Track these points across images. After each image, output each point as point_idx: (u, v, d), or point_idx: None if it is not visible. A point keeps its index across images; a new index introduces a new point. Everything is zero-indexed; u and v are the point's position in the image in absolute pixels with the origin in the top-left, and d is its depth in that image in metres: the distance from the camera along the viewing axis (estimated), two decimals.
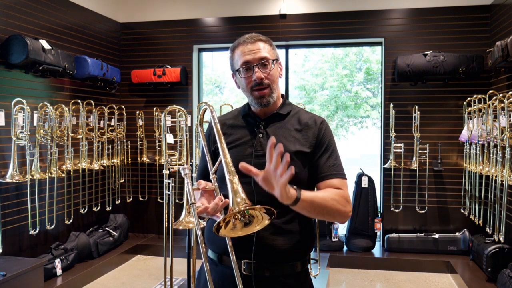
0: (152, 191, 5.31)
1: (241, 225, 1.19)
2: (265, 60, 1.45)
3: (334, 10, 4.91)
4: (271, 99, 1.47)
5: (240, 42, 1.49)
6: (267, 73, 1.46)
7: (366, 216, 4.72)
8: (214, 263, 1.49)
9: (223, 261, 1.45)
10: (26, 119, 3.54)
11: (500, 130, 3.52)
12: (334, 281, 4.22)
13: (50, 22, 4.16)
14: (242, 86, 1.51)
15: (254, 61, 1.44)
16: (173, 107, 3.38)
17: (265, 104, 1.47)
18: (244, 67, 1.45)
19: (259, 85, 1.45)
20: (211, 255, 1.51)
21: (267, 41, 1.50)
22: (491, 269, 3.72)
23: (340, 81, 9.08)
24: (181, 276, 4.08)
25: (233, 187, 1.20)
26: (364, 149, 9.66)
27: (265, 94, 1.46)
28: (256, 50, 1.45)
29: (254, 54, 1.44)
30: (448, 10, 4.67)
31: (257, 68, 1.44)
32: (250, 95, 1.48)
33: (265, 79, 1.45)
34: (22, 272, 3.18)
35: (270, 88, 1.46)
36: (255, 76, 1.44)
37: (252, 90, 1.46)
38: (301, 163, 1.43)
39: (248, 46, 1.46)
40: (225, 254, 1.43)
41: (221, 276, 1.45)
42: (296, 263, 1.45)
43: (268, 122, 1.51)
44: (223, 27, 5.17)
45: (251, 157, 1.44)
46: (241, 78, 1.48)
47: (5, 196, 3.59)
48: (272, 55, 1.48)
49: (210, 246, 1.51)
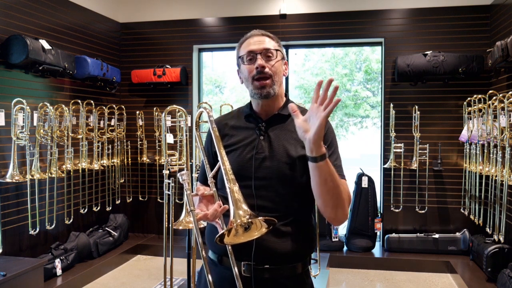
0: (152, 191, 5.31)
1: (242, 230, 1.19)
2: (269, 50, 1.44)
3: (334, 10, 4.91)
4: (271, 91, 1.43)
5: (247, 36, 1.49)
6: (271, 64, 1.43)
7: (366, 216, 4.72)
8: (214, 264, 1.49)
9: (223, 262, 1.45)
10: (26, 119, 3.54)
11: (500, 130, 3.52)
12: (334, 281, 4.22)
13: (50, 22, 4.16)
14: (244, 77, 1.48)
15: (258, 50, 1.43)
16: (173, 107, 3.37)
17: (265, 95, 1.43)
18: (248, 56, 1.44)
19: (260, 74, 1.42)
20: (211, 256, 1.51)
21: (274, 38, 1.50)
22: (491, 269, 3.72)
23: (340, 81, 9.08)
24: (181, 276, 4.08)
25: (234, 197, 1.17)
26: (364, 149, 9.66)
27: (266, 84, 1.42)
28: (261, 41, 1.45)
29: (259, 45, 1.44)
30: (448, 10, 4.67)
31: (259, 56, 1.42)
32: (251, 84, 1.44)
33: (268, 69, 1.42)
34: (22, 272, 3.18)
35: (272, 79, 1.43)
36: (257, 64, 1.41)
37: (253, 79, 1.43)
38: (302, 168, 1.38)
39: (254, 38, 1.47)
40: (225, 255, 1.41)
41: (220, 277, 1.44)
42: (296, 264, 1.44)
43: (270, 124, 1.48)
44: (223, 27, 5.17)
45: (252, 160, 1.42)
46: (244, 67, 1.46)
47: (5, 196, 3.59)
48: (277, 49, 1.48)
49: (211, 247, 1.50)
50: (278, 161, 1.39)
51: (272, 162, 1.40)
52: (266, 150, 1.43)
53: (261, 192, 1.38)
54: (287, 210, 1.38)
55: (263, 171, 1.40)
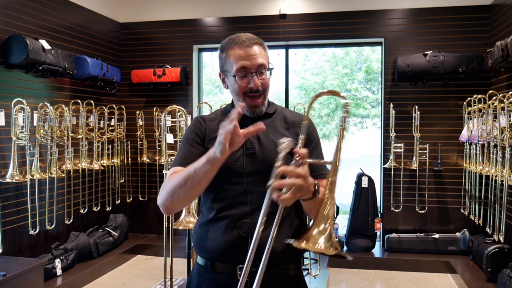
0: (152, 191, 5.31)
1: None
2: (263, 67, 1.41)
3: (334, 10, 4.91)
4: (263, 108, 1.45)
5: (235, 42, 1.41)
6: (263, 80, 1.41)
7: (366, 216, 4.72)
8: (205, 271, 1.43)
9: (215, 268, 1.40)
10: (26, 119, 3.54)
11: (500, 130, 3.51)
12: (334, 281, 4.22)
13: (50, 22, 4.16)
14: (233, 89, 1.44)
15: (253, 67, 1.38)
16: (173, 107, 3.38)
17: (258, 113, 1.44)
18: (242, 73, 1.39)
19: (253, 92, 1.40)
20: (201, 262, 1.45)
21: (261, 43, 1.45)
22: (491, 269, 3.72)
23: (340, 80, 9.08)
24: (181, 276, 4.08)
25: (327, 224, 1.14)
26: (364, 149, 9.65)
27: (258, 103, 1.42)
28: (253, 55, 1.39)
29: (252, 60, 1.38)
30: (448, 10, 4.67)
31: (255, 76, 1.39)
32: (242, 99, 1.42)
33: (261, 86, 1.41)
34: (22, 272, 3.18)
35: (263, 96, 1.43)
36: (252, 84, 1.38)
37: (245, 95, 1.41)
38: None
39: (245, 49, 1.39)
40: (219, 260, 1.39)
41: (214, 283, 1.40)
42: (289, 266, 1.41)
43: (255, 121, 1.45)
44: (223, 27, 5.17)
45: (242, 156, 1.40)
46: (234, 81, 1.41)
47: (5, 196, 3.59)
48: (267, 61, 1.44)
49: (201, 253, 1.45)
50: (270, 155, 1.37)
51: (263, 156, 1.39)
52: (256, 145, 1.42)
53: (253, 187, 1.36)
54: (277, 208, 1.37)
55: (254, 166, 1.39)
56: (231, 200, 1.39)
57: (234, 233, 1.36)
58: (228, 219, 1.38)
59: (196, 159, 1.28)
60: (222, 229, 1.38)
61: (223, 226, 1.38)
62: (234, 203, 1.38)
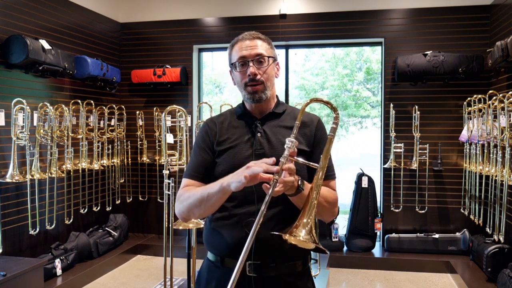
0: (152, 191, 5.31)
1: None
2: (261, 56, 1.46)
3: (334, 10, 4.91)
4: (263, 95, 1.47)
5: (239, 38, 1.51)
6: (263, 70, 1.46)
7: (366, 216, 4.71)
8: (215, 266, 1.49)
9: (225, 264, 1.45)
10: (26, 119, 3.54)
11: (500, 130, 3.52)
12: (334, 281, 4.22)
13: (50, 22, 4.16)
14: (237, 81, 1.51)
15: (250, 56, 1.45)
16: (173, 107, 3.38)
17: (257, 99, 1.47)
18: (240, 62, 1.46)
19: (252, 81, 1.45)
20: (211, 258, 1.51)
21: (265, 39, 1.51)
22: (491, 269, 3.72)
23: (341, 81, 9.08)
24: (181, 276, 4.08)
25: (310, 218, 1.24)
26: (364, 149, 9.65)
27: (258, 90, 1.46)
28: (253, 46, 1.46)
29: (250, 50, 1.46)
30: (448, 10, 4.67)
31: (251, 63, 1.45)
32: (244, 90, 1.48)
33: (260, 76, 1.45)
34: (22, 272, 3.18)
35: (264, 85, 1.47)
36: (249, 71, 1.44)
37: (245, 85, 1.47)
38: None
39: (246, 42, 1.47)
40: (228, 256, 1.43)
41: (224, 279, 1.42)
42: (296, 262, 1.45)
43: (265, 120, 1.51)
44: (223, 27, 5.17)
45: (252, 157, 1.43)
46: (236, 73, 1.49)
47: (5, 196, 3.59)
48: (269, 53, 1.49)
49: (211, 249, 1.50)
50: (279, 155, 1.37)
51: (272, 157, 1.40)
52: (265, 146, 1.46)
53: (261, 187, 1.38)
54: (287, 204, 1.39)
55: None
56: (240, 200, 1.43)
57: (242, 231, 1.40)
58: (237, 218, 1.43)
59: (208, 168, 1.46)
60: (231, 227, 1.43)
61: (232, 224, 1.43)
62: (243, 202, 1.43)
